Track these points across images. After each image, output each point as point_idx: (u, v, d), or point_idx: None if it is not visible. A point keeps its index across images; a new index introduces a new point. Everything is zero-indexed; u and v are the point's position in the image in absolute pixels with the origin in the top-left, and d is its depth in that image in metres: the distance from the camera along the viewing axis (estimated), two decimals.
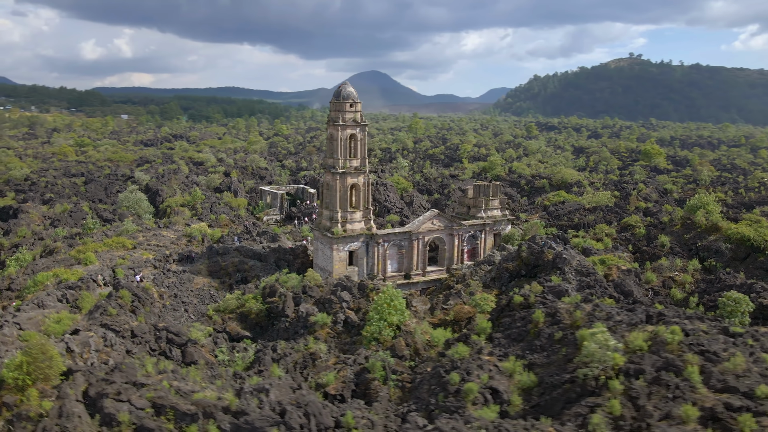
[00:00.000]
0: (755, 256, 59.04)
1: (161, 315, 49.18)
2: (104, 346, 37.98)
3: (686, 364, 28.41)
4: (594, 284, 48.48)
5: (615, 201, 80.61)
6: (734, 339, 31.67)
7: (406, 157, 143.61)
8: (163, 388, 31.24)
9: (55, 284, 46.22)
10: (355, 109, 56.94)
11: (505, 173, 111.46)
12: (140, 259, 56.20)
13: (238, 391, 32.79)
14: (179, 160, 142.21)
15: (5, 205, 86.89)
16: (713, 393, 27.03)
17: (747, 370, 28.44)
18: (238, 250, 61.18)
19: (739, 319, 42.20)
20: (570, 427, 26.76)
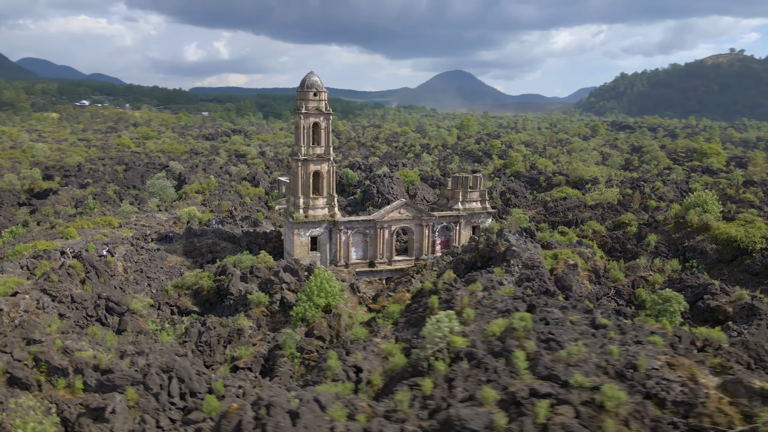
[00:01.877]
0: (743, 258, 54.39)
1: (122, 287, 52.92)
2: (36, 308, 41.71)
3: (520, 350, 27.49)
4: (534, 277, 46.91)
5: (619, 199, 76.37)
6: (596, 330, 30.17)
7: (442, 153, 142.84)
8: (50, 345, 34.16)
9: (29, 254, 51.17)
10: (319, 98, 58.22)
11: (525, 169, 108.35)
12: (120, 236, 60.58)
13: (122, 353, 35.17)
14: (223, 152, 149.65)
15: (47, 188, 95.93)
16: (534, 379, 26.05)
17: (582, 360, 27.12)
18: (214, 233, 64.32)
19: (668, 318, 39.48)
20: (384, 403, 26.81)
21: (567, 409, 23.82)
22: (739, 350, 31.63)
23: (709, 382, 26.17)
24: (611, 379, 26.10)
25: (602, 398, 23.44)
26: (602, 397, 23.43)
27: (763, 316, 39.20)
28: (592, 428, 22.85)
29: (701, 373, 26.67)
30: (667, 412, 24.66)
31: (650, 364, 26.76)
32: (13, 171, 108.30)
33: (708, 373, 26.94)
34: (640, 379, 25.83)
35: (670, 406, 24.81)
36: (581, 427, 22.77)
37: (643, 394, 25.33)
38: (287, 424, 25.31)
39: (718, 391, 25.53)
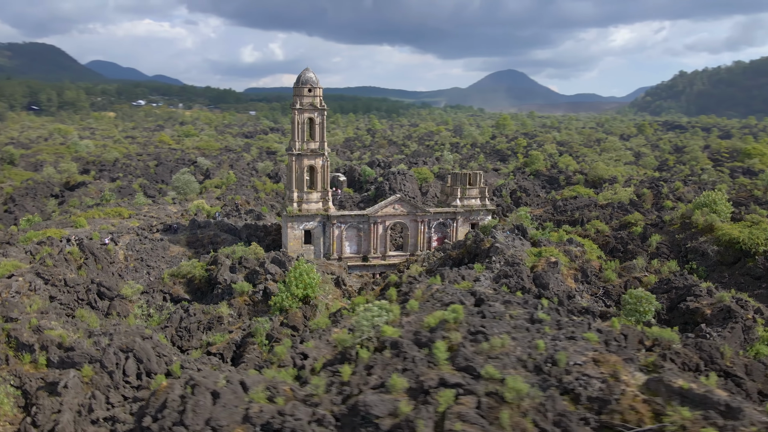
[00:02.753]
0: (746, 260, 51.82)
1: (121, 274, 55.57)
2: (28, 290, 44.46)
3: (444, 341, 27.51)
4: (512, 274, 46.33)
5: (631, 199, 73.72)
6: (531, 325, 29.79)
7: (470, 151, 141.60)
8: (24, 323, 36.47)
9: (35, 241, 54.51)
10: (313, 94, 59.22)
11: (545, 168, 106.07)
12: (127, 226, 63.48)
13: (90, 332, 37.14)
14: (255, 149, 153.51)
15: (81, 181, 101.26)
16: (451, 369, 26.03)
17: (504, 353, 26.90)
18: (216, 225, 66.42)
19: (637, 318, 38.33)
20: (307, 388, 27.43)
21: (470, 399, 23.77)
22: (690, 351, 30.52)
23: (632, 380, 25.46)
24: (529, 372, 25.85)
25: (504, 390, 23.24)
26: (505, 389, 23.23)
27: (739, 319, 37.44)
28: (489, 419, 22.74)
29: (625, 371, 25.97)
30: (581, 408, 24.24)
31: (574, 359, 26.28)
32: (55, 165, 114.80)
33: (634, 371, 26.19)
34: (557, 373, 25.42)
35: (584, 401, 24.35)
36: (478, 417, 22.70)
37: (560, 388, 24.97)
38: (207, 402, 26.27)
39: (638, 389, 24.84)
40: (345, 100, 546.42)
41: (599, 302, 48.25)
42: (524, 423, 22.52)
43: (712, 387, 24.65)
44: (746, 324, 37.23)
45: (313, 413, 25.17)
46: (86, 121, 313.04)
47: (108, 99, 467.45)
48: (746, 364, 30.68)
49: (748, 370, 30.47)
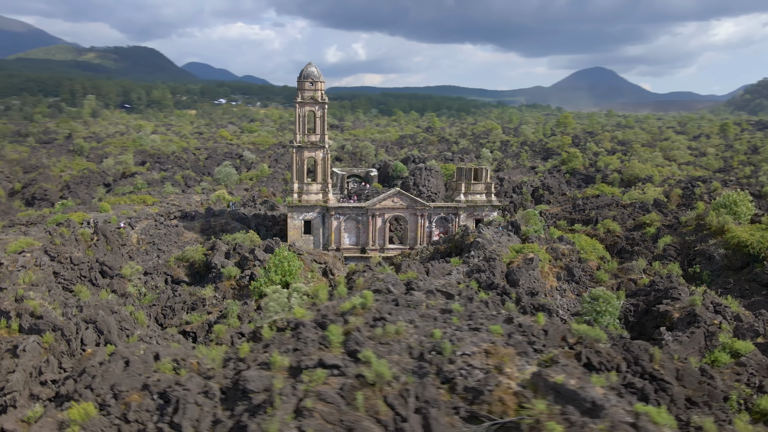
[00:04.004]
0: (754, 265, 47.88)
1: (131, 256, 59.63)
2: (34, 265, 48.92)
3: (341, 325, 27.95)
4: (485, 269, 45.57)
5: (656, 199, 69.21)
6: (441, 314, 29.55)
7: (516, 149, 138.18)
8: (9, 293, 40.32)
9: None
10: (315, 88, 60.65)
11: (582, 167, 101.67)
12: (147, 212, 67.83)
13: (65, 304, 40.44)
14: None
15: (134, 172, 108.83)
16: (340, 352, 26.42)
17: (396, 339, 26.95)
18: (229, 214, 69.50)
19: (594, 317, 36.73)
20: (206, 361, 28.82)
21: (338, 380, 24.13)
22: (614, 351, 29.05)
23: (516, 373, 24.79)
24: (413, 358, 25.78)
25: (369, 374, 23.44)
26: (370, 373, 23.43)
27: (702, 325, 34.95)
28: (348, 399, 23.01)
29: (512, 364, 25.30)
30: (456, 397, 24.01)
31: (464, 350, 25.91)
32: (117, 157, 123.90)
33: (525, 364, 25.41)
34: (439, 362, 25.18)
35: (461, 391, 24.07)
36: (337, 397, 23.04)
37: (440, 376, 24.80)
38: (118, 368, 28.27)
39: (519, 383, 24.18)
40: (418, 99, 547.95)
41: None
42: (380, 405, 22.62)
43: (593, 385, 23.56)
44: (709, 330, 34.71)
45: (204, 385, 26.44)
46: (169, 118, 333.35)
47: (192, 98, 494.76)
48: (678, 369, 28.81)
49: (679, 376, 28.60)
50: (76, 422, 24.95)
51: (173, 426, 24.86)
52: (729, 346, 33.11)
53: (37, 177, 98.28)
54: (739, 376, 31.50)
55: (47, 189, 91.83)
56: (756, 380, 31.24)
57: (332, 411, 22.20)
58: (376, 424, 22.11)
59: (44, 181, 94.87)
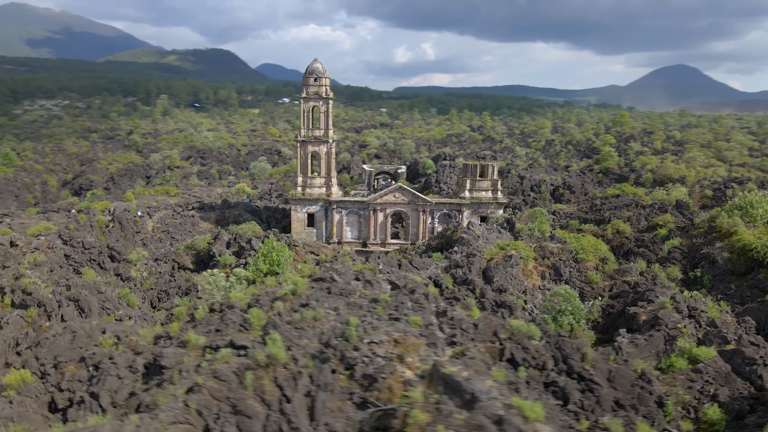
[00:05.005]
0: (759, 270, 44.68)
1: (145, 243, 63.02)
2: (46, 248, 52.82)
3: (263, 309, 28.77)
4: (463, 265, 45.16)
5: (678, 199, 65.19)
6: (369, 303, 29.75)
7: (558, 148, 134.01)
8: (10, 272, 43.83)
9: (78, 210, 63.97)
10: (319, 84, 61.76)
11: (617, 166, 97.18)
12: (167, 203, 71.38)
13: (57, 283, 43.50)
14: (350, 142, 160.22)
15: (177, 165, 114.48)
16: (257, 334, 27.23)
17: (311, 324, 27.44)
18: (243, 206, 71.91)
19: (552, 316, 35.70)
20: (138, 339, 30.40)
21: (240, 360, 24.91)
22: (544, 349, 28.26)
23: (416, 363, 24.71)
24: (320, 343, 26.16)
25: (261, 355, 24.09)
26: (257, 354, 24.09)
27: (662, 328, 33.21)
28: (240, 378, 23.74)
29: (415, 355, 25.21)
30: (353, 383, 24.29)
31: (374, 338, 26.07)
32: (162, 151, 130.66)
33: (432, 355, 25.22)
34: (343, 348, 25.45)
35: (359, 377, 24.33)
36: (232, 376, 23.82)
37: (344, 363, 25.12)
38: (65, 341, 30.43)
39: (415, 373, 24.13)
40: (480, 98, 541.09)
41: None
42: (268, 386, 23.23)
43: (485, 379, 23.13)
44: (670, 334, 32.93)
45: (133, 360, 28.01)
46: (233, 116, 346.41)
47: (256, 97, 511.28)
48: (611, 371, 27.66)
49: (611, 377, 27.49)
50: (13, 387, 27.10)
51: (93, 396, 26.51)
52: (687, 351, 31.35)
53: (86, 169, 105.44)
54: (692, 383, 29.78)
55: (93, 180, 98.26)
56: (711, 388, 29.42)
57: (222, 388, 22.99)
58: (260, 403, 22.71)
59: (91, 173, 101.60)
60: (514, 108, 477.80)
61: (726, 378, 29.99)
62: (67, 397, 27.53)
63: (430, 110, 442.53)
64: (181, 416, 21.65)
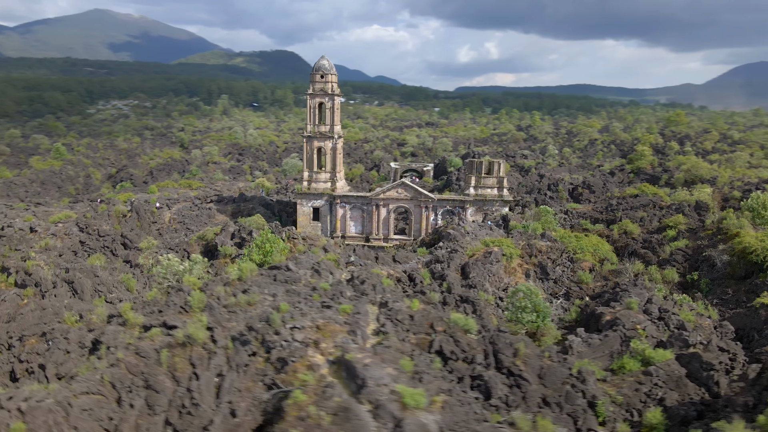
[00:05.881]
0: (759, 275, 42.04)
1: (161, 233, 66.16)
2: (64, 234, 56.54)
3: (204, 294, 29.95)
4: (444, 260, 45.02)
5: (698, 200, 61.56)
6: (311, 291, 30.39)
7: (598, 147, 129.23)
8: (18, 255, 47.33)
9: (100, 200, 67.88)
10: (325, 80, 62.78)
11: (650, 166, 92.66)
12: (187, 195, 74.53)
13: (57, 265, 46.57)
14: (388, 140, 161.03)
15: (215, 161, 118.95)
16: (197, 315, 28.41)
17: (245, 309, 28.40)
18: (258, 199, 74.04)
19: (512, 314, 35.14)
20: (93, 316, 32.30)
21: (164, 338, 26.15)
22: (477, 342, 28.05)
23: (329, 349, 25.18)
24: (246, 327, 27.02)
25: (179, 335, 25.21)
26: (179, 334, 25.21)
27: (619, 329, 32.03)
28: (157, 356, 24.94)
29: (330, 341, 25.66)
30: (269, 365, 25.09)
31: (297, 323, 26.73)
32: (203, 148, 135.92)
33: (349, 342, 25.57)
34: (264, 331, 26.24)
35: (274, 360, 25.11)
36: (152, 352, 25.07)
37: (264, 345, 25.96)
38: (34, 317, 32.73)
39: (327, 358, 24.62)
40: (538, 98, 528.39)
41: (554, 302, 44.10)
42: (182, 364, 24.32)
43: (386, 366, 23.29)
44: (627, 335, 31.72)
45: (83, 336, 29.90)
46: (287, 115, 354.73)
47: None
48: (543, 368, 27.10)
49: (541, 374, 26.96)
50: None
51: (41, 367, 28.50)
52: (640, 353, 30.14)
53: (128, 163, 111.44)
54: (640, 386, 28.66)
55: (133, 174, 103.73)
56: (659, 392, 28.24)
57: (139, 364, 24.27)
58: (170, 379, 23.83)
59: (132, 167, 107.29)
60: (572, 108, 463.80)
61: (677, 382, 28.67)
62: (24, 368, 29.72)
63: (485, 110, 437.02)
64: (95, 387, 23.02)
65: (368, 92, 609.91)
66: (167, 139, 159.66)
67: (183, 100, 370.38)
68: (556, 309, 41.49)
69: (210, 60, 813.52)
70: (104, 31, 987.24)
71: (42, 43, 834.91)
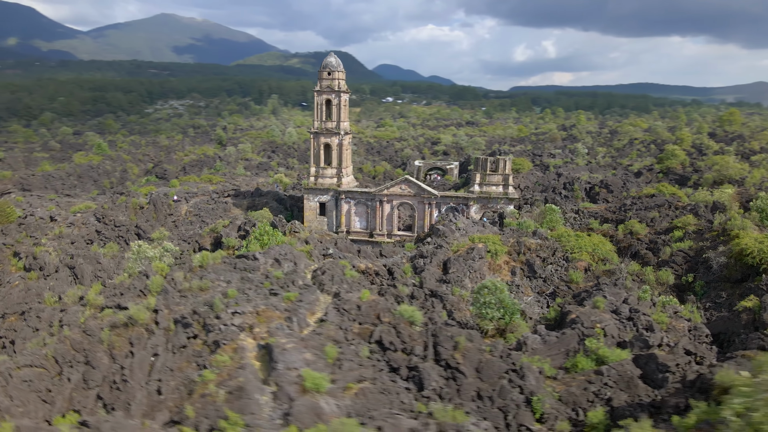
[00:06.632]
0: (755, 278, 39.94)
1: (176, 224, 68.87)
2: (81, 223, 59.82)
3: (164, 279, 31.26)
4: (427, 255, 45.06)
5: (715, 201, 58.45)
6: (265, 278, 31.13)
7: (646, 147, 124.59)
8: (32, 241, 50.50)
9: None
10: (332, 77, 63.69)
11: (679, 166, 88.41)
12: (206, 189, 77.15)
13: (64, 251, 49.39)
14: (422, 139, 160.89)
15: (248, 158, 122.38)
16: (151, 298, 29.77)
17: (197, 294, 29.49)
18: (272, 194, 75.80)
19: (476, 310, 34.89)
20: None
21: (112, 318, 27.55)
22: (418, 335, 28.17)
23: (262, 333, 25.93)
24: (192, 312, 28.10)
25: (121, 316, 26.52)
26: (122, 316, 26.53)
27: (576, 327, 31.29)
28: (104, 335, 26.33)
29: (265, 326, 26.40)
30: (205, 347, 26.13)
31: (239, 309, 27.62)
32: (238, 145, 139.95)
33: (284, 327, 26.23)
34: (206, 315, 27.25)
35: (210, 342, 26.13)
36: (98, 331, 26.49)
37: (206, 329, 27.01)
38: (18, 296, 34.99)
39: (258, 342, 25.39)
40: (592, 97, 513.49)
41: (541, 301, 43.49)
42: (120, 342, 25.63)
43: (306, 352, 23.77)
44: (585, 333, 30.96)
45: (53, 315, 31.78)
46: None
47: (361, 96, 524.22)
48: (481, 362, 26.95)
49: (479, 368, 26.82)
50: None
51: (12, 342, 30.53)
52: (594, 352, 29.42)
53: (163, 159, 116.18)
54: (589, 385, 28.03)
55: (167, 169, 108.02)
56: (608, 392, 27.54)
57: (83, 341, 25.74)
58: (108, 356, 25.17)
59: (167, 163, 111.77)
60: (627, 107, 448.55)
61: (628, 383, 27.85)
62: (1, 344, 31.91)
63: (534, 109, 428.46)
64: (38, 361, 24.60)
65: (417, 92, 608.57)
66: (208, 136, 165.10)
67: (235, 100, 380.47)
68: (532, 306, 40.82)
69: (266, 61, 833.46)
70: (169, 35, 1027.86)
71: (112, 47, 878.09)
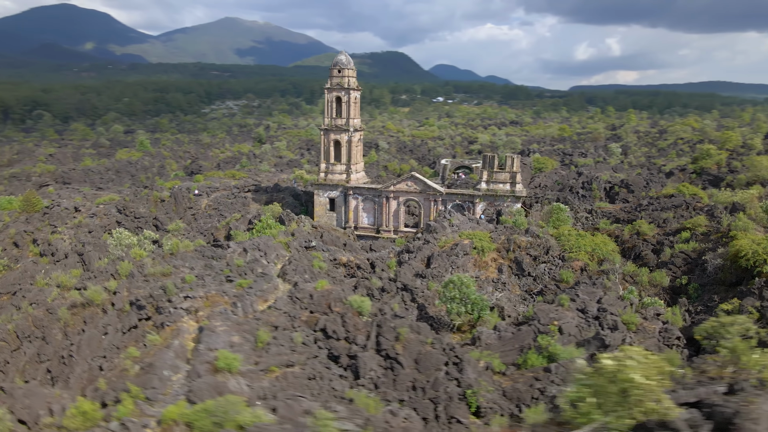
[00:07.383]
0: (749, 281, 37.95)
1: (195, 217, 71.66)
2: (103, 215, 63.26)
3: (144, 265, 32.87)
4: (413, 251, 45.31)
5: (734, 202, 55.21)
6: (223, 266, 32.20)
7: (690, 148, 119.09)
8: (50, 229, 53.93)
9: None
10: (342, 75, 64.59)
11: (715, 166, 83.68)
12: (228, 184, 79.76)
13: (77, 239, 52.45)
14: (459, 138, 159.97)
15: (282, 155, 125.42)
16: (117, 281, 31.49)
17: (157, 278, 30.85)
18: (289, 190, 77.54)
19: (441, 304, 34.93)
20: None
21: (74, 299, 29.30)
22: (363, 324, 28.56)
23: (203, 317, 26.95)
24: (149, 295, 29.49)
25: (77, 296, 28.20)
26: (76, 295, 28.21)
27: (533, 324, 30.81)
28: (69, 315, 28.10)
29: (209, 311, 27.44)
30: (154, 328, 27.49)
31: (190, 294, 28.84)
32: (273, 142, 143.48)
33: (227, 312, 27.20)
34: (159, 298, 28.58)
35: (158, 324, 27.47)
36: (58, 309, 28.28)
37: (158, 311, 28.36)
38: (14, 277, 37.66)
39: (196, 323, 26.45)
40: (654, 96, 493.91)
41: (527, 298, 42.95)
42: (74, 320, 27.33)
43: (235, 335, 24.59)
44: (540, 330, 30.45)
45: (37, 295, 34.05)
46: (382, 115, 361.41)
47: (411, 96, 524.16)
48: (421, 352, 27.12)
49: (417, 360, 26.99)
50: None
51: None
52: (545, 349, 28.95)
53: (199, 156, 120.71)
54: (536, 382, 27.71)
55: (202, 165, 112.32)
56: (553, 389, 27.14)
57: (44, 318, 27.61)
58: (62, 332, 26.88)
59: (203, 160, 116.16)
60: (690, 106, 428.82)
61: None
62: None
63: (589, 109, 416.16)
64: (1, 335, 26.57)
65: (470, 92, 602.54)
66: (249, 134, 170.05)
67: (287, 100, 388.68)
68: (515, 304, 40.26)
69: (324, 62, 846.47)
70: (233, 38, 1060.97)
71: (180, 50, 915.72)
